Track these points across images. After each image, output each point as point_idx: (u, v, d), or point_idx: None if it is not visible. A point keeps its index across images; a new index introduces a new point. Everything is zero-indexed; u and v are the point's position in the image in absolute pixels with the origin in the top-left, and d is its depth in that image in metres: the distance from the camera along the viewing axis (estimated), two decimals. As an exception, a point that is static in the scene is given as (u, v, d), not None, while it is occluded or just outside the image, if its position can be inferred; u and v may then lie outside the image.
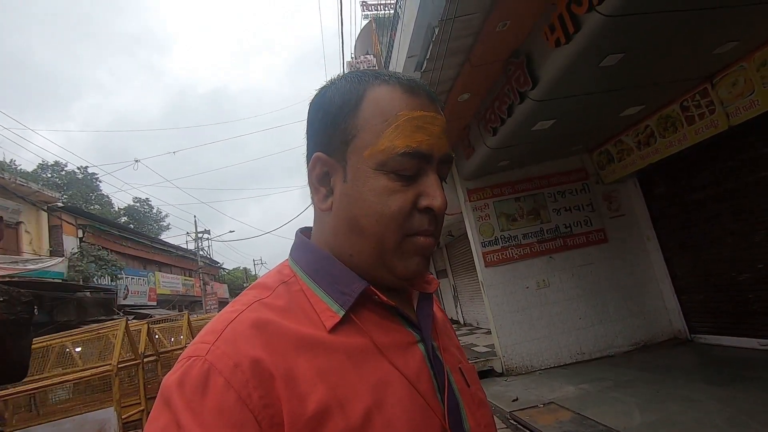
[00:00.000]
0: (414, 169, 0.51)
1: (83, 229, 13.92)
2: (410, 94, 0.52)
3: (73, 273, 12.27)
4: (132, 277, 15.41)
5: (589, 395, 4.44)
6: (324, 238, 0.56)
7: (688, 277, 5.75)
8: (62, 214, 13.09)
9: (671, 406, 3.70)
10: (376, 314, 0.53)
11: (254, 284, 0.54)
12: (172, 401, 0.41)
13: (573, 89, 4.12)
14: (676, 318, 5.96)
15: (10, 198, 10.82)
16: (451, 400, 0.52)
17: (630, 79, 4.17)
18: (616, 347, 5.99)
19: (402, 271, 0.52)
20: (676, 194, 5.69)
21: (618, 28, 3.18)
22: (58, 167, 24.83)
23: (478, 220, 6.39)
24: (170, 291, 18.97)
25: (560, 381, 5.13)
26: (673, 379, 4.41)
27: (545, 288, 6.18)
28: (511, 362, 5.94)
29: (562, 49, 3.53)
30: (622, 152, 5.92)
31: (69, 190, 23.17)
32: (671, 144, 5.08)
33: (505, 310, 6.07)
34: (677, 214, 5.72)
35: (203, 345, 0.45)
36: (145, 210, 30.28)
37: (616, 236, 6.37)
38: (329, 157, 0.53)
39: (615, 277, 6.22)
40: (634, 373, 4.89)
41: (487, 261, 6.24)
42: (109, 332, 4.99)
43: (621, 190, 6.50)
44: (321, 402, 0.43)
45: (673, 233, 5.89)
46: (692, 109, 4.71)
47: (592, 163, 6.55)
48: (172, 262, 21.64)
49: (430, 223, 0.52)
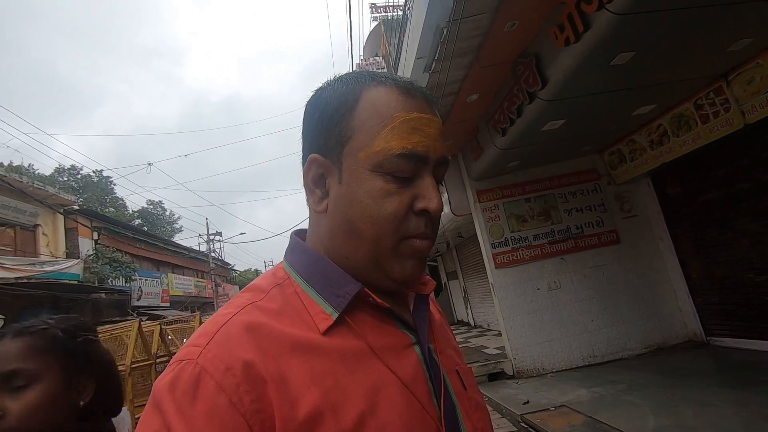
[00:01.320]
0: (410, 171, 0.50)
1: (98, 231, 14.19)
2: (407, 95, 0.52)
3: (88, 275, 12.51)
4: (145, 278, 15.64)
5: (601, 399, 4.37)
6: (319, 240, 0.56)
7: (703, 279, 5.64)
8: (78, 216, 13.36)
9: (686, 411, 3.62)
10: (371, 316, 0.52)
11: (248, 287, 0.54)
12: (163, 405, 0.40)
13: (583, 89, 4.08)
14: (691, 320, 5.84)
15: (28, 201, 11.08)
16: (448, 404, 0.52)
17: (641, 78, 4.11)
18: (629, 350, 5.89)
19: (398, 274, 0.52)
20: (691, 194, 5.58)
21: (628, 26, 3.13)
22: (74, 171, 25.37)
23: (487, 221, 6.35)
24: (183, 292, 19.20)
25: (572, 384, 5.06)
26: (688, 382, 4.31)
27: (556, 289, 6.11)
28: (521, 364, 5.88)
29: (572, 48, 3.49)
30: (634, 152, 5.83)
31: (84, 193, 23.65)
32: (685, 143, 4.99)
33: (516, 312, 6.02)
34: (692, 214, 5.62)
35: (195, 348, 0.44)
36: (158, 212, 30.74)
37: (629, 237, 6.27)
38: (325, 159, 0.53)
39: (628, 279, 6.12)
40: (648, 377, 4.80)
41: (497, 262, 6.20)
42: (122, 333, 5.08)
43: (633, 191, 6.40)
44: (313, 406, 0.42)
45: (687, 234, 5.77)
46: (706, 107, 4.62)
47: (604, 163, 6.46)
48: (184, 264, 21.92)
49: (426, 225, 0.52)
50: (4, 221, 10.63)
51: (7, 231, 10.73)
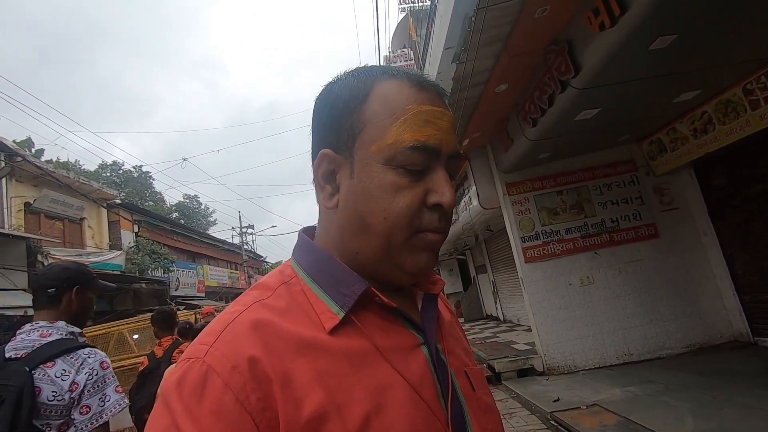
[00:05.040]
0: (422, 164, 0.50)
1: (139, 224, 14.88)
2: (418, 88, 0.51)
3: (130, 266, 13.17)
4: (182, 269, 16.28)
5: (636, 398, 4.21)
6: (329, 236, 0.55)
7: (751, 275, 5.30)
8: (120, 210, 14.05)
9: (729, 414, 3.44)
10: (377, 316, 0.51)
11: (256, 285, 0.54)
12: (171, 403, 0.41)
13: (619, 75, 3.88)
14: (737, 319, 5.52)
15: (75, 196, 11.74)
16: (455, 405, 0.51)
17: (684, 63, 3.87)
18: (667, 349, 5.64)
19: (411, 267, 0.51)
20: (738, 185, 5.25)
21: (669, 7, 2.95)
22: (116, 167, 26.66)
23: (517, 214, 6.21)
24: (217, 283, 19.88)
25: (605, 382, 4.91)
26: (732, 384, 4.09)
27: (589, 285, 5.91)
28: (552, 361, 5.75)
29: (607, 33, 3.33)
30: (675, 141, 5.53)
31: (126, 188, 24.79)
32: (732, 131, 4.68)
33: (546, 307, 5.88)
34: (738, 206, 5.28)
35: (202, 346, 0.45)
36: (194, 206, 31.89)
37: (669, 231, 5.98)
38: (336, 154, 0.52)
39: (667, 275, 5.84)
40: (688, 377, 4.58)
41: (527, 256, 6.06)
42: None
43: (674, 182, 6.08)
44: (318, 406, 0.42)
45: (733, 228, 5.44)
46: (757, 92, 4.30)
47: (642, 153, 6.16)
48: (218, 256, 22.69)
49: (440, 219, 0.51)
50: (54, 215, 11.32)
51: (56, 224, 11.42)
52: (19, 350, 1.31)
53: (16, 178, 10.23)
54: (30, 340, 1.34)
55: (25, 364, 1.26)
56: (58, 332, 1.39)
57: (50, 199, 10.98)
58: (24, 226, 10.19)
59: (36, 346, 1.32)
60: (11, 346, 1.33)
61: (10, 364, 1.27)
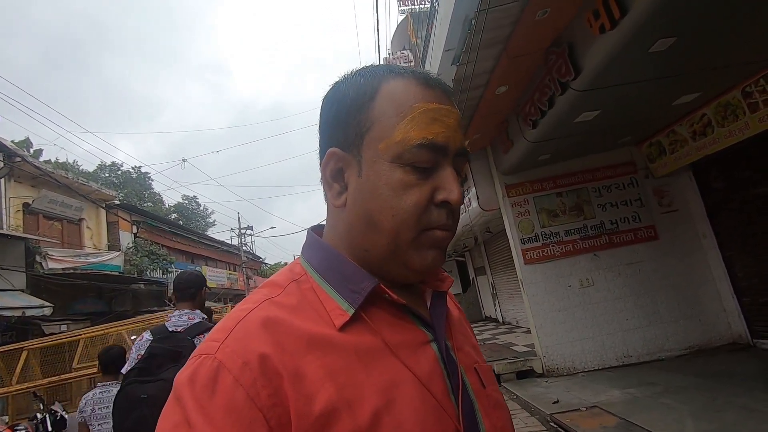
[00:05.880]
0: (430, 162, 0.50)
1: (137, 225, 14.85)
2: (425, 86, 0.52)
3: (128, 266, 13.14)
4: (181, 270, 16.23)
5: (636, 400, 4.21)
6: (338, 235, 0.55)
7: (750, 278, 5.31)
8: (119, 211, 14.02)
9: (729, 416, 3.44)
10: (387, 313, 0.52)
11: (266, 282, 0.54)
12: (183, 399, 0.42)
13: (619, 78, 3.90)
14: (736, 321, 5.53)
15: (73, 196, 11.72)
16: (465, 401, 0.51)
17: (683, 65, 3.88)
18: (667, 351, 5.65)
19: (418, 264, 0.51)
20: (737, 188, 5.26)
21: (669, 9, 2.96)
22: (114, 167, 26.60)
23: (517, 216, 6.22)
24: (216, 284, 19.82)
25: (605, 384, 4.91)
26: (732, 386, 4.09)
27: (589, 287, 5.92)
28: (551, 363, 5.75)
29: (608, 35, 3.34)
30: (675, 143, 5.54)
31: (124, 188, 24.75)
32: (731, 134, 4.69)
33: (546, 309, 5.88)
34: (737, 209, 5.29)
35: (213, 343, 0.45)
36: (192, 207, 31.84)
37: (668, 233, 5.99)
38: (344, 152, 0.53)
39: (667, 277, 5.85)
40: (688, 379, 4.58)
41: (526, 258, 6.06)
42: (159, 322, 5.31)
43: (674, 184, 6.10)
44: (328, 402, 0.42)
45: (732, 230, 5.45)
46: (756, 94, 4.32)
47: (642, 155, 6.18)
48: (217, 257, 22.65)
49: (448, 216, 0.51)
50: (53, 215, 11.30)
51: (55, 224, 11.40)
52: (178, 326, 1.97)
53: (15, 178, 10.21)
54: (182, 321, 2.00)
55: (187, 334, 1.92)
56: (198, 317, 2.05)
57: (49, 200, 10.96)
58: (22, 227, 10.17)
59: (189, 324, 1.98)
60: (171, 324, 1.99)
61: (176, 335, 1.93)
